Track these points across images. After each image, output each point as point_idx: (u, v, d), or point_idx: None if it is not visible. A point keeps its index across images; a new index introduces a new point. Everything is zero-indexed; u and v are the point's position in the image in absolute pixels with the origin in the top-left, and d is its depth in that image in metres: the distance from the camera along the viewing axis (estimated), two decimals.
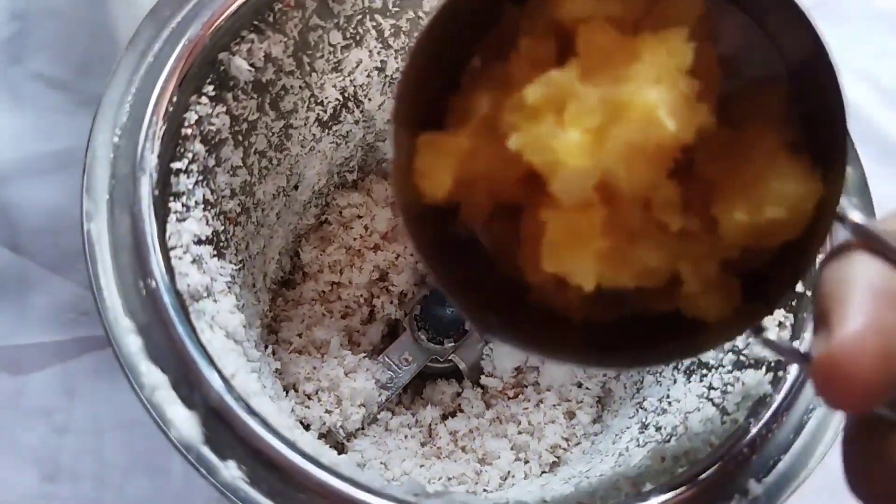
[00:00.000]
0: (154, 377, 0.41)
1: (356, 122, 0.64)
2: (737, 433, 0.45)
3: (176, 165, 0.47)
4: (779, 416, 0.45)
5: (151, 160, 0.45)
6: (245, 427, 0.41)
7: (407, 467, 0.59)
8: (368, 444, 0.60)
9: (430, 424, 0.63)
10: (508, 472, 0.62)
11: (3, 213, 0.69)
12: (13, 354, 0.65)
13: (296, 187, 0.63)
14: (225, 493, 0.40)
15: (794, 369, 0.46)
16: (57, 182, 0.71)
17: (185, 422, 0.40)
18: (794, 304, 0.48)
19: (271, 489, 0.40)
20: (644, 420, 0.55)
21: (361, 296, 0.67)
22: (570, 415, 0.64)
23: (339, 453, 0.55)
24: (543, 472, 0.61)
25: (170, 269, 0.44)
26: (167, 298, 0.43)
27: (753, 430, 0.44)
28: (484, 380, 0.65)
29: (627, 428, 0.57)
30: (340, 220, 0.69)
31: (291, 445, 0.41)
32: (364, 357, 0.64)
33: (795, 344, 0.47)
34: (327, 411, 0.60)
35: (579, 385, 0.65)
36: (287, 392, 0.61)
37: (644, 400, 0.58)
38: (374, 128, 0.65)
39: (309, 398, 0.61)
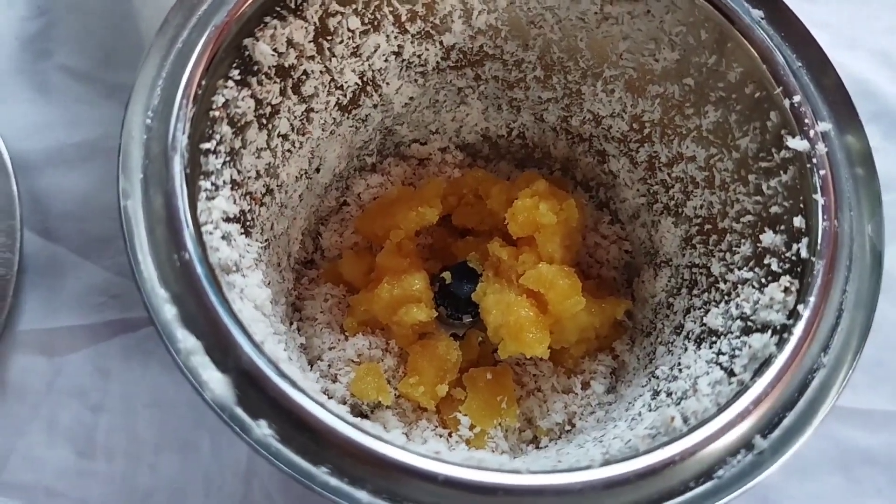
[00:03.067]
0: (189, 343, 0.43)
1: (374, 106, 0.66)
2: (743, 392, 0.46)
3: (205, 146, 0.49)
4: (783, 375, 0.46)
5: (182, 140, 0.47)
6: (276, 388, 0.43)
7: (427, 436, 0.62)
8: (391, 415, 0.63)
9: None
10: (525, 440, 0.64)
11: (34, 202, 0.72)
12: (48, 337, 0.68)
13: (317, 170, 0.65)
14: (258, 449, 0.42)
15: (798, 332, 0.48)
16: (83, 170, 0.73)
17: (219, 384, 0.42)
18: (799, 270, 0.50)
19: (300, 446, 0.42)
20: (656, 387, 0.57)
21: None
22: (586, 385, 0.66)
23: None
24: (559, 439, 0.63)
25: (202, 243, 0.46)
26: (200, 270, 0.45)
27: (759, 389, 0.46)
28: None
29: (640, 395, 0.59)
30: (359, 202, 0.71)
31: (320, 405, 0.43)
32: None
33: (800, 308, 0.49)
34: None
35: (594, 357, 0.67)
36: (312, 366, 0.63)
37: (656, 369, 0.60)
38: (392, 112, 0.67)
39: (332, 370, 0.63)
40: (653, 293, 0.67)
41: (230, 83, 0.52)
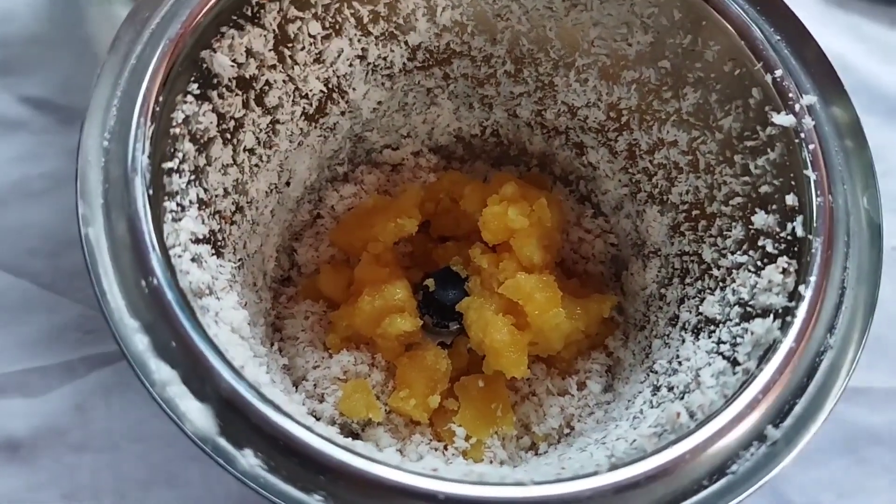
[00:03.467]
0: (164, 373, 0.41)
1: (342, 114, 0.64)
2: (749, 381, 0.45)
3: (167, 165, 0.47)
4: (790, 361, 0.45)
5: (143, 161, 0.45)
6: (259, 414, 0.40)
7: (423, 451, 0.59)
8: (383, 432, 0.60)
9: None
10: (524, 447, 0.62)
11: (1, 238, 0.70)
12: (24, 378, 0.65)
13: (288, 183, 0.63)
14: (245, 482, 0.40)
15: (802, 314, 0.46)
16: (50, 202, 0.71)
17: (198, 414, 0.40)
18: (796, 249, 0.49)
19: (290, 474, 0.40)
20: (656, 382, 0.55)
21: None
22: (581, 385, 0.64)
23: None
24: (559, 443, 0.61)
25: (170, 267, 0.44)
26: (170, 295, 0.42)
27: (766, 377, 0.44)
28: None
29: (640, 392, 0.57)
30: (333, 214, 0.69)
31: (307, 429, 0.41)
32: None
33: (802, 289, 0.47)
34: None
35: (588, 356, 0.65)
36: (297, 387, 0.61)
37: (654, 363, 0.58)
38: (361, 118, 0.65)
39: (318, 389, 0.61)
40: (643, 285, 0.65)
41: (189, 98, 0.49)
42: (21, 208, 0.71)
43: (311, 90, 0.60)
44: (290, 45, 0.56)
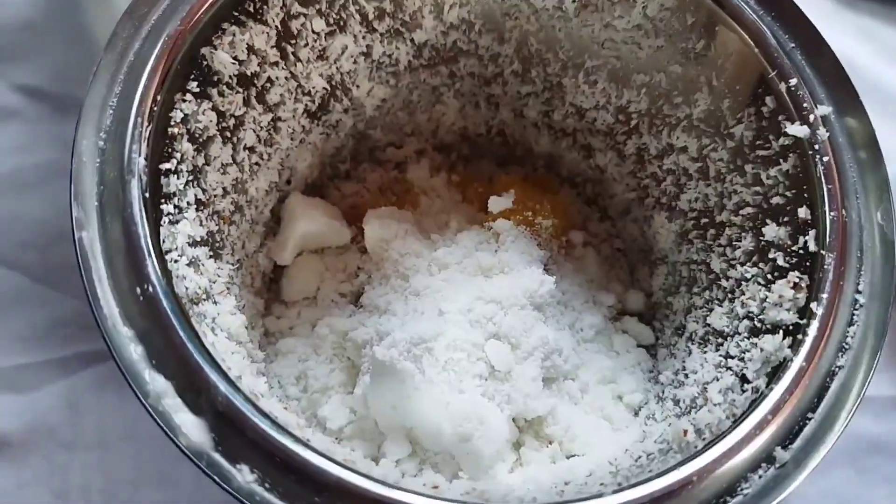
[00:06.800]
0: (158, 385, 0.40)
1: (345, 111, 0.62)
2: (759, 400, 0.44)
3: (165, 166, 0.46)
4: (800, 380, 0.44)
5: (139, 162, 0.44)
6: (256, 429, 0.39)
7: None
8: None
9: None
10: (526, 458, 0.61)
11: None
12: (16, 374, 0.64)
13: (288, 182, 0.62)
14: (240, 499, 0.38)
15: (813, 332, 0.45)
16: (43, 194, 0.69)
17: (193, 428, 0.39)
18: (808, 264, 0.47)
19: (288, 491, 0.39)
20: (660, 393, 0.54)
21: None
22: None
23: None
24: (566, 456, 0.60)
25: (166, 273, 0.42)
26: (166, 303, 0.41)
27: (776, 397, 0.43)
28: None
29: (645, 403, 0.56)
30: None
31: (304, 444, 0.39)
32: None
33: (813, 306, 0.46)
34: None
35: None
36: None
37: (659, 374, 0.57)
38: (364, 115, 0.64)
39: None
40: (649, 292, 0.64)
41: (189, 97, 0.48)
42: (14, 200, 0.69)
43: (313, 87, 0.58)
44: (292, 41, 0.55)
